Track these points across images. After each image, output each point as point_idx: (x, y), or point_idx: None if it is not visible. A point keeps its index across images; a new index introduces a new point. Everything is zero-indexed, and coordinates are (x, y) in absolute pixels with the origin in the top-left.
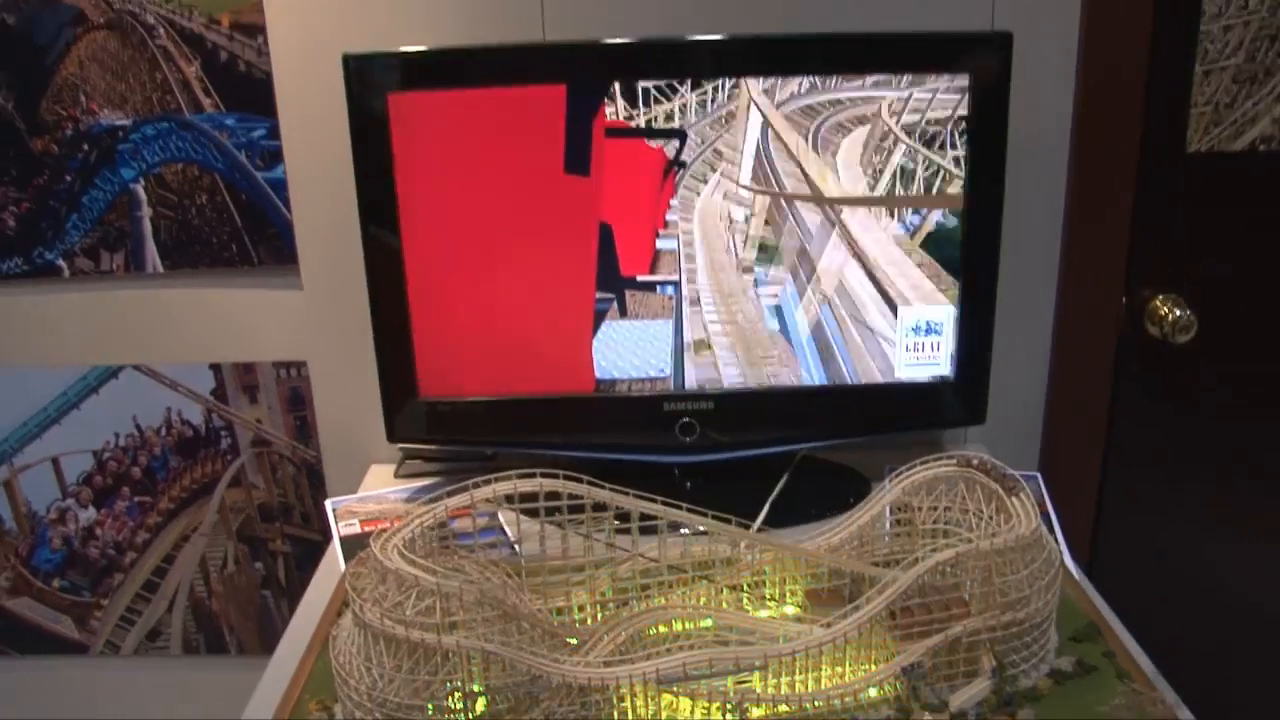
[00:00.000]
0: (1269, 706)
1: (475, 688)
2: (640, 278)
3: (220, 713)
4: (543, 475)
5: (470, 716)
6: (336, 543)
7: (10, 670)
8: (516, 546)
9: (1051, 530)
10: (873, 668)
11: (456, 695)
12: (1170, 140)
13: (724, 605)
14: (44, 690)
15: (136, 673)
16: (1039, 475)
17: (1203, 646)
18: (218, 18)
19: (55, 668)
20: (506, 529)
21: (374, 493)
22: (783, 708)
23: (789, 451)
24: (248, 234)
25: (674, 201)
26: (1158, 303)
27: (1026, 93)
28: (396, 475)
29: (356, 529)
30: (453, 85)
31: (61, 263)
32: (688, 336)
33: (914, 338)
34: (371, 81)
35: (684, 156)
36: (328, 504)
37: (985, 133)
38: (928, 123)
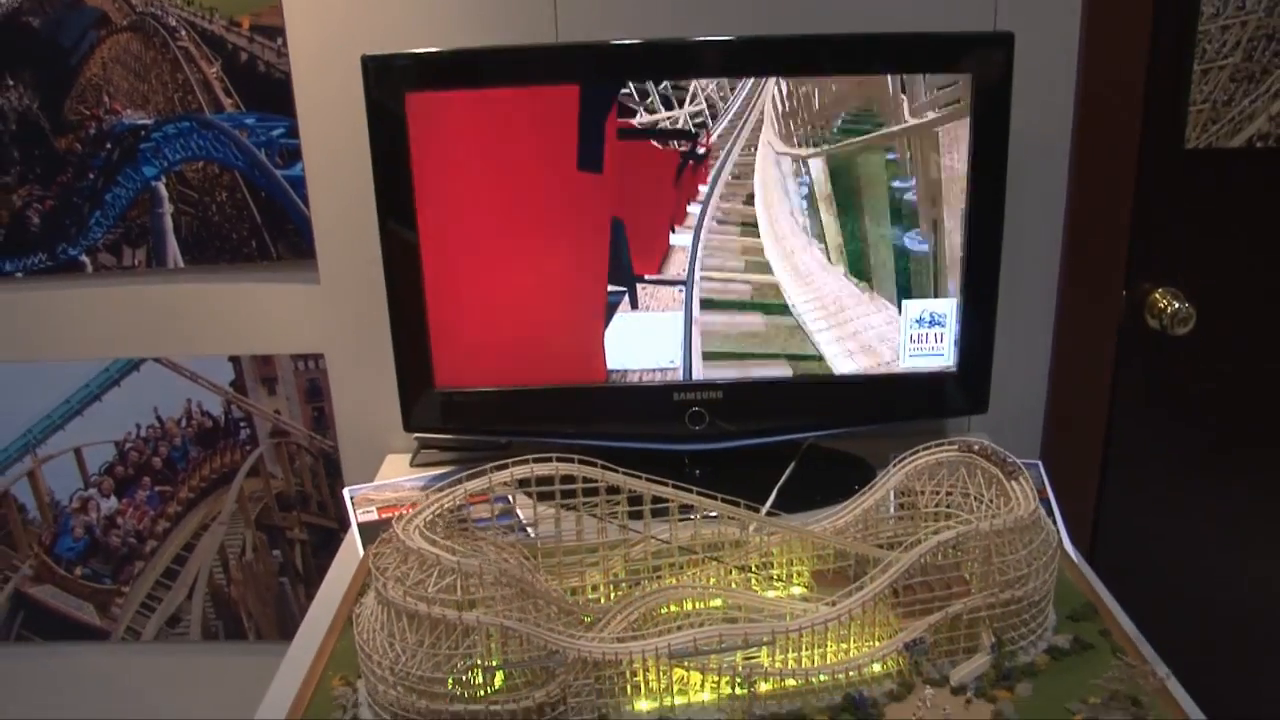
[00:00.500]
0: (1266, 688)
1: (494, 662)
2: (649, 276)
3: (239, 697)
4: (558, 459)
5: (489, 690)
6: (355, 529)
7: (33, 656)
8: (531, 530)
9: (1051, 515)
10: (876, 644)
11: (476, 669)
12: (1169, 137)
13: (733, 585)
14: (66, 676)
15: (157, 658)
16: (1040, 463)
17: (1199, 630)
18: (238, 20)
19: (77, 654)
20: (521, 513)
21: (390, 481)
22: (789, 681)
23: (795, 440)
24: (267, 230)
25: (703, 188)
26: (1157, 295)
27: (1028, 90)
28: (412, 464)
29: (374, 516)
30: (468, 85)
31: (85, 258)
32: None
33: (918, 329)
34: (390, 82)
35: (699, 149)
36: (345, 492)
37: (988, 129)
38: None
